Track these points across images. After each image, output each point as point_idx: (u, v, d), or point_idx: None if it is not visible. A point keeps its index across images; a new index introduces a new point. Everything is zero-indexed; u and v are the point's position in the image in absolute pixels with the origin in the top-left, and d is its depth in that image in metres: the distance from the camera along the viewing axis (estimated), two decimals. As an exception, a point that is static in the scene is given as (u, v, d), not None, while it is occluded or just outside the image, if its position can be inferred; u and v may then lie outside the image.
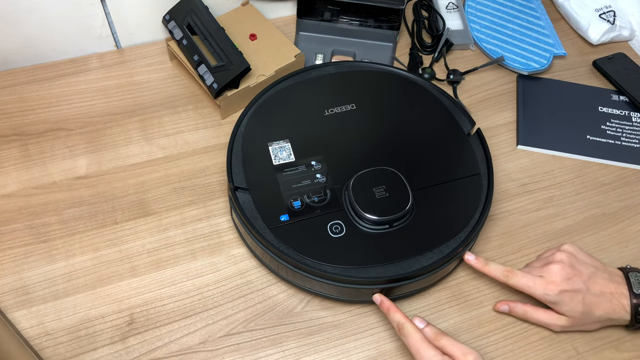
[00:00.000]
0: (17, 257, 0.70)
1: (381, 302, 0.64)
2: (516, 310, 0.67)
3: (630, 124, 0.86)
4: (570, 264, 0.64)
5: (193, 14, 0.83)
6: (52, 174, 0.77)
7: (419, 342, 0.58)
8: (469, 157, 0.73)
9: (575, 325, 0.65)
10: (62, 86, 0.85)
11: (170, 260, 0.70)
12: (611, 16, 0.96)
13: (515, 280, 0.65)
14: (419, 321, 0.62)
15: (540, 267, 0.65)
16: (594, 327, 0.66)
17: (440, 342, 0.59)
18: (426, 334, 0.60)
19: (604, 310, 0.63)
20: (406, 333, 0.59)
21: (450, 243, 0.66)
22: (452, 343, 0.58)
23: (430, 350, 0.57)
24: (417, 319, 0.62)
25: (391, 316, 0.62)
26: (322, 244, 0.65)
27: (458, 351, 0.57)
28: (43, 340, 0.64)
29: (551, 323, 0.65)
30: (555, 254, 0.66)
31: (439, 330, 0.60)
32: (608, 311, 0.63)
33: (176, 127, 0.82)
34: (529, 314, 0.66)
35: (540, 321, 0.66)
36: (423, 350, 0.58)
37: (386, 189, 0.67)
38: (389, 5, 0.87)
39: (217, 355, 0.64)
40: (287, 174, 0.70)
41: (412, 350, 0.59)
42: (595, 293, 0.63)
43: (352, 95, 0.78)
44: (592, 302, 0.63)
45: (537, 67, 0.91)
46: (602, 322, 0.65)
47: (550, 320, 0.65)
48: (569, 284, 0.63)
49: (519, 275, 0.65)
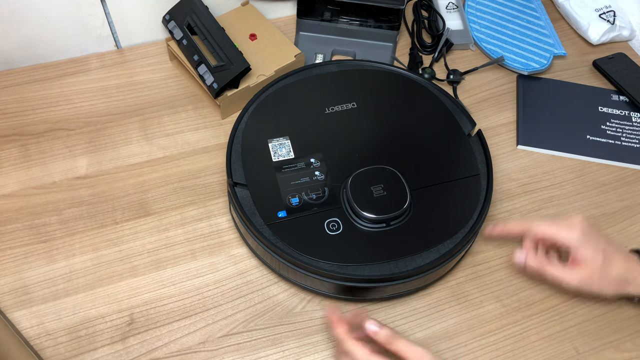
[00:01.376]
0: (17, 257, 0.70)
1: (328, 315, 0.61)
2: (531, 263, 0.65)
3: (630, 124, 0.86)
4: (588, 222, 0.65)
5: (193, 14, 0.83)
6: (52, 174, 0.77)
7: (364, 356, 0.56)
8: (469, 158, 0.73)
9: (593, 282, 0.63)
10: (62, 86, 0.85)
11: (170, 260, 0.70)
12: (611, 16, 0.96)
13: (539, 225, 0.65)
14: (373, 324, 0.58)
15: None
16: (609, 288, 0.64)
17: (394, 347, 0.56)
18: (380, 337, 0.57)
19: (620, 267, 0.63)
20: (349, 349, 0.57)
21: (448, 243, 0.66)
22: (406, 347, 0.56)
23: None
24: (370, 323, 0.58)
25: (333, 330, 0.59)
26: (319, 241, 0.65)
27: (412, 356, 0.55)
28: (43, 340, 0.64)
29: (568, 278, 0.64)
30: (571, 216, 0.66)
31: (392, 333, 0.57)
32: (624, 269, 0.63)
33: (176, 127, 0.82)
34: (545, 267, 0.64)
35: (556, 276, 0.64)
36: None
37: (384, 187, 0.67)
38: (389, 5, 0.87)
39: (217, 355, 0.64)
40: (286, 171, 0.70)
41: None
42: (613, 249, 0.64)
43: (353, 93, 0.78)
44: (611, 256, 0.63)
45: (537, 67, 0.91)
46: (617, 282, 0.64)
47: (568, 274, 0.64)
48: (591, 232, 0.64)
49: (542, 221, 0.65)
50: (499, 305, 0.69)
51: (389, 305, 0.68)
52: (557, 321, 0.68)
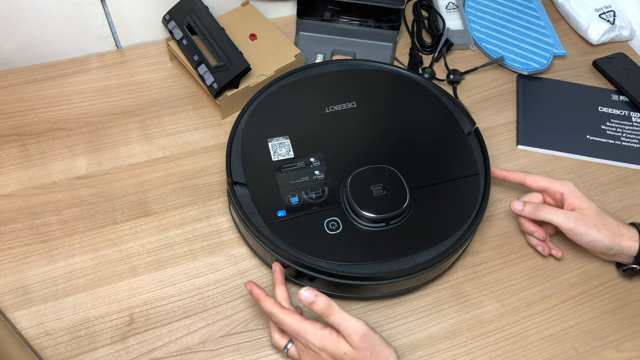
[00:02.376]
0: (17, 257, 0.70)
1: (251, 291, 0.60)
2: (529, 207, 0.69)
3: (630, 124, 0.86)
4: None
5: (193, 14, 0.83)
6: (52, 174, 0.77)
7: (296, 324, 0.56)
8: (468, 157, 0.73)
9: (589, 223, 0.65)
10: (62, 86, 0.85)
11: (170, 260, 0.70)
12: (611, 16, 0.96)
13: (534, 177, 0.70)
14: (309, 292, 0.55)
15: None
16: (605, 233, 0.65)
17: (331, 318, 0.55)
18: (316, 308, 0.55)
19: (613, 218, 0.66)
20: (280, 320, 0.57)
21: (446, 242, 0.66)
22: (340, 321, 0.54)
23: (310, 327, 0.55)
24: (307, 290, 0.55)
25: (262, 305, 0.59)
26: (319, 240, 0.65)
27: (344, 332, 0.54)
28: (43, 340, 0.64)
29: (566, 214, 0.66)
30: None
31: (329, 303, 0.55)
32: (617, 221, 0.66)
33: (176, 127, 0.82)
34: (542, 207, 0.68)
35: (554, 214, 0.67)
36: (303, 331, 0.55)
37: (384, 187, 0.67)
38: (389, 5, 0.87)
39: (217, 355, 0.64)
40: (286, 170, 0.70)
41: (293, 334, 0.57)
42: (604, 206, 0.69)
43: (353, 93, 0.78)
44: (603, 208, 0.67)
45: (537, 67, 0.91)
46: (613, 228, 0.65)
47: (565, 215, 0.66)
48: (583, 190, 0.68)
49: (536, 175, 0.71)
50: (499, 305, 0.69)
51: (389, 305, 0.68)
52: (557, 321, 0.68)
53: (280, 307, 0.58)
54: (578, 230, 0.66)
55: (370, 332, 0.55)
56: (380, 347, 0.55)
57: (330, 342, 0.55)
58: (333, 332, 0.55)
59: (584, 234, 0.66)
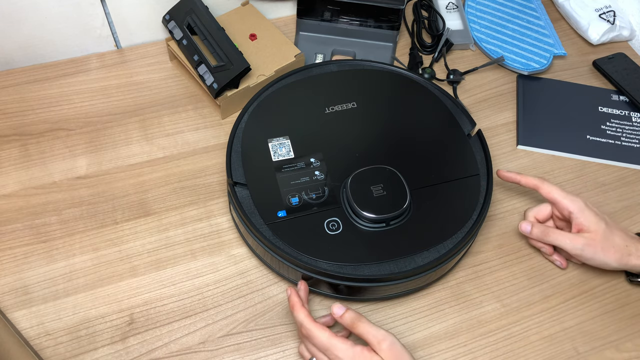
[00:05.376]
0: (17, 257, 0.70)
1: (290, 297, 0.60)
2: (536, 230, 0.69)
3: (630, 124, 0.86)
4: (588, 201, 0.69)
5: (193, 14, 0.83)
6: (52, 174, 0.77)
7: (327, 340, 0.56)
8: (469, 158, 0.73)
9: (596, 247, 0.65)
10: (62, 86, 0.85)
11: (170, 260, 0.70)
12: (611, 16, 0.96)
13: (548, 186, 0.69)
14: (338, 308, 0.59)
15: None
16: (613, 256, 0.65)
17: (358, 329, 0.57)
18: (344, 320, 0.58)
19: (622, 236, 0.66)
20: (310, 334, 0.57)
21: (447, 243, 0.66)
22: (368, 329, 0.56)
23: (341, 344, 0.56)
24: (336, 307, 0.59)
25: (295, 314, 0.59)
26: (319, 241, 0.65)
27: (373, 339, 0.55)
28: (43, 340, 0.64)
29: (573, 239, 0.66)
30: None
31: (357, 316, 0.58)
32: (626, 239, 0.66)
33: (176, 127, 0.82)
34: (550, 231, 0.68)
35: (561, 238, 0.67)
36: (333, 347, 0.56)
37: (384, 187, 0.67)
38: (389, 5, 0.87)
39: (217, 355, 0.64)
40: (286, 170, 0.70)
41: (322, 349, 0.57)
42: (613, 222, 0.67)
43: (353, 93, 0.78)
44: (613, 226, 0.67)
45: (537, 67, 0.91)
46: (620, 251, 0.65)
47: (572, 239, 0.66)
48: (592, 206, 0.68)
49: (552, 184, 0.69)
50: (499, 305, 0.69)
51: (389, 305, 0.68)
52: (557, 321, 0.68)
53: (312, 320, 0.58)
54: (585, 256, 0.66)
55: (397, 342, 0.56)
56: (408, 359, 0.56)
57: (363, 358, 0.55)
58: (365, 349, 0.55)
59: (591, 259, 0.66)
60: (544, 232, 0.68)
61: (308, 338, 0.58)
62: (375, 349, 0.55)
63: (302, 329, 0.58)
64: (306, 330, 0.57)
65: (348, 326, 0.58)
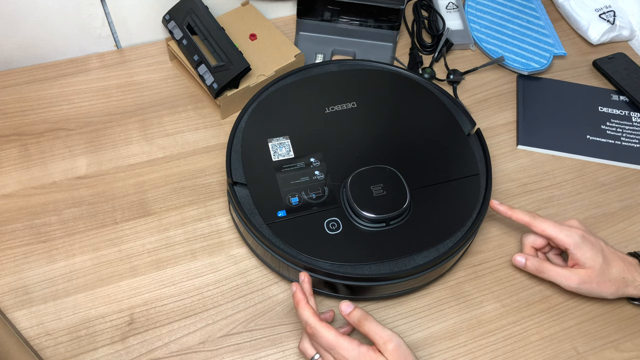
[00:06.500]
0: (17, 257, 0.70)
1: (295, 293, 0.60)
2: (531, 265, 0.68)
3: (630, 124, 0.86)
4: (584, 225, 0.68)
5: (193, 14, 0.83)
6: (52, 174, 0.77)
7: (333, 339, 0.56)
8: (469, 158, 0.73)
9: (592, 283, 0.65)
10: (62, 86, 0.85)
11: (170, 260, 0.70)
12: (611, 16, 0.96)
13: (540, 223, 0.67)
14: (346, 306, 0.59)
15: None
16: (609, 290, 0.65)
17: (364, 328, 0.57)
18: (351, 318, 0.58)
19: (619, 267, 0.65)
20: (316, 333, 0.57)
21: (447, 242, 0.66)
22: (375, 329, 0.56)
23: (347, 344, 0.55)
24: (345, 304, 0.59)
25: (300, 312, 0.58)
26: (319, 240, 0.65)
27: (379, 339, 0.55)
28: (43, 340, 0.64)
29: (568, 278, 0.65)
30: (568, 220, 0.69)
31: (364, 315, 0.58)
32: (623, 269, 0.65)
33: (176, 127, 0.82)
34: (545, 267, 0.67)
35: (556, 276, 0.66)
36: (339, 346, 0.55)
37: (384, 187, 0.67)
38: (389, 5, 0.87)
39: (217, 355, 0.64)
40: (286, 170, 0.70)
41: (327, 347, 0.57)
42: (611, 251, 0.66)
43: (353, 93, 0.78)
44: (609, 258, 0.65)
45: (537, 67, 0.91)
46: (616, 283, 0.65)
47: (568, 275, 0.65)
48: (589, 235, 0.66)
49: (544, 220, 0.67)
50: (499, 305, 0.69)
51: (389, 305, 0.68)
52: (557, 321, 0.68)
53: (318, 319, 0.57)
54: (581, 291, 0.66)
55: (403, 343, 0.56)
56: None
57: (369, 358, 0.55)
58: (370, 350, 0.55)
59: (587, 293, 0.66)
60: (539, 268, 0.67)
61: (313, 336, 0.58)
62: (380, 349, 0.55)
63: (307, 327, 0.58)
64: (311, 328, 0.57)
65: (355, 324, 0.58)
